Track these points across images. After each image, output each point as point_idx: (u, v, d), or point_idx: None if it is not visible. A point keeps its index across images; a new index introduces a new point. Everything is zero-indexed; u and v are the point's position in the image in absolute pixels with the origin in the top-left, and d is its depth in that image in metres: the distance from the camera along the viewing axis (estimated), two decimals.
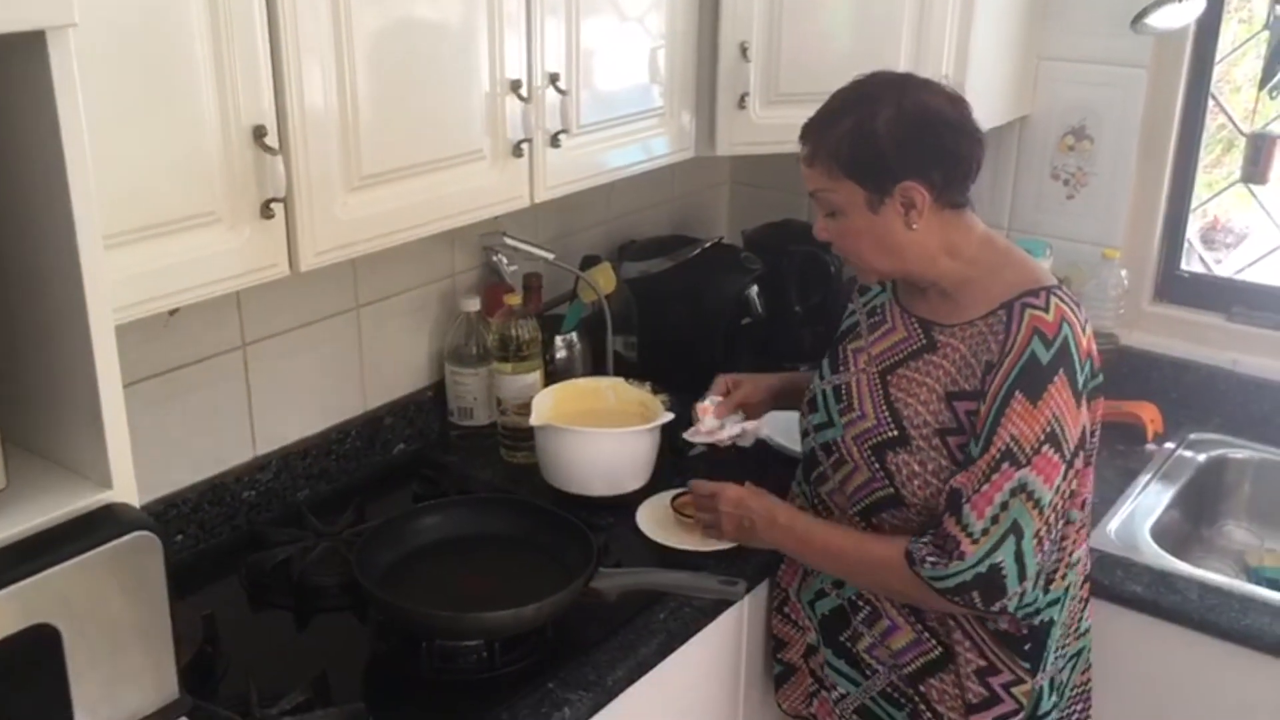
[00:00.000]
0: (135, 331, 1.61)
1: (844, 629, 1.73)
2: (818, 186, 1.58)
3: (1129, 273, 2.37)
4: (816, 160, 1.56)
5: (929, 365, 1.60)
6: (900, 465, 1.58)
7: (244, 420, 1.90)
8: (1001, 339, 1.53)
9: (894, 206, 1.54)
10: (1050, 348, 1.50)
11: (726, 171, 2.80)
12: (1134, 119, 2.32)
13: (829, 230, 1.61)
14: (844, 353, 1.73)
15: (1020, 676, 1.63)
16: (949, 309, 1.61)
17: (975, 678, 1.63)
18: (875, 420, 1.62)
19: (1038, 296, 1.54)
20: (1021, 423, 1.49)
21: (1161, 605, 1.84)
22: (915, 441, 1.58)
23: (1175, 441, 2.26)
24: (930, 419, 1.57)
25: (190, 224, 1.34)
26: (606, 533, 1.86)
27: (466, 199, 1.68)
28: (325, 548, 1.78)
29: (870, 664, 1.71)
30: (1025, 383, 1.50)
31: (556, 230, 2.38)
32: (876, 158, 1.52)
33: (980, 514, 1.49)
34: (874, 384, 1.65)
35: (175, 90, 1.28)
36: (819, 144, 1.56)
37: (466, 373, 2.15)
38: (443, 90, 1.59)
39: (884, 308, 1.71)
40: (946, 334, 1.60)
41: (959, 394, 1.56)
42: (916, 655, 1.66)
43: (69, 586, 0.92)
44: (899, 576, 1.55)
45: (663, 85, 2.00)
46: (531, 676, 1.56)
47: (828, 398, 1.71)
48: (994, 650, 1.62)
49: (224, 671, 1.56)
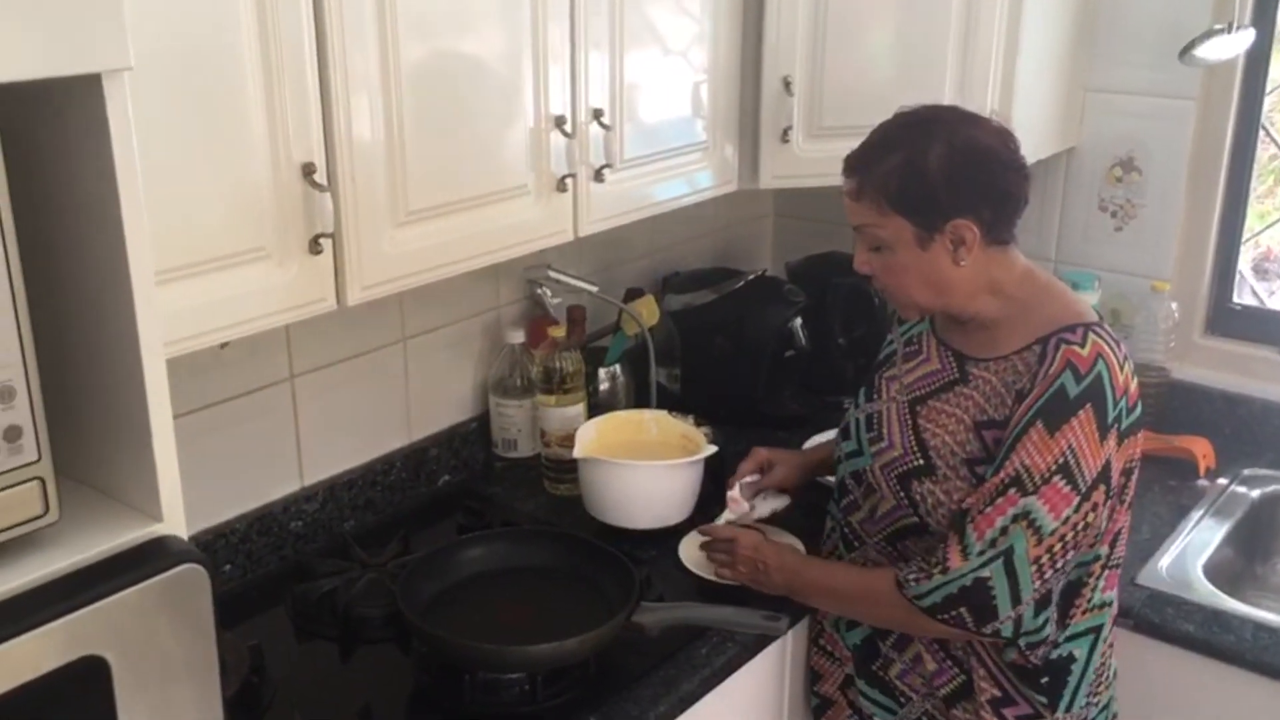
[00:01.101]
0: (186, 364, 1.64)
1: (875, 658, 1.72)
2: (864, 221, 1.56)
3: (1179, 305, 2.34)
4: (864, 195, 1.55)
5: (959, 397, 1.60)
6: (925, 494, 1.58)
7: (291, 452, 1.92)
8: (1035, 370, 1.52)
9: (943, 243, 1.53)
10: (1080, 382, 1.48)
11: (770, 204, 2.81)
12: (1183, 151, 2.30)
13: (872, 264, 1.60)
14: (879, 381, 1.73)
15: (1038, 711, 1.61)
16: (986, 342, 1.60)
17: (989, 708, 1.61)
18: (902, 450, 1.62)
19: (1074, 333, 1.53)
20: (1035, 452, 1.48)
21: (1214, 644, 1.81)
22: (941, 471, 1.57)
23: (1228, 477, 2.23)
24: (958, 449, 1.57)
25: (240, 260, 1.36)
26: (649, 566, 1.85)
27: (511, 234, 1.69)
28: (370, 579, 1.79)
29: (904, 691, 1.70)
30: (1048, 413, 1.49)
31: (600, 263, 2.39)
32: (927, 194, 1.51)
33: (980, 535, 1.49)
34: (903, 413, 1.65)
35: (227, 128, 1.31)
36: (866, 178, 1.54)
37: (510, 404, 2.16)
38: (488, 126, 1.62)
39: (920, 338, 1.71)
40: (980, 367, 1.59)
41: (988, 423, 1.55)
42: (945, 682, 1.65)
43: (119, 618, 0.93)
44: (889, 602, 1.56)
45: (706, 119, 2.01)
46: (573, 710, 1.56)
47: (859, 426, 1.71)
48: (1010, 681, 1.61)
49: (269, 702, 1.57)
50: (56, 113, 0.94)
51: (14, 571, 0.93)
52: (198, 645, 1.00)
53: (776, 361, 2.38)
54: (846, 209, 1.59)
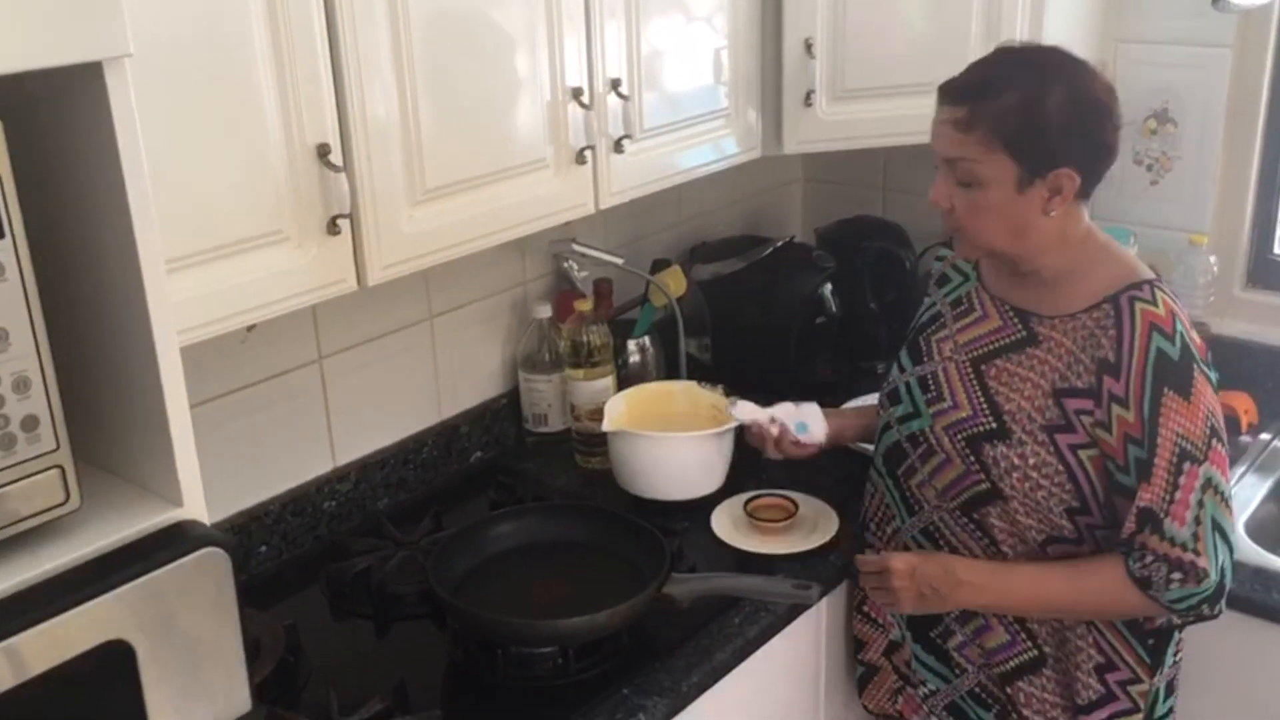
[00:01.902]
0: (214, 348, 1.66)
1: (935, 625, 1.69)
2: (965, 154, 1.49)
3: (1218, 259, 2.29)
4: (974, 127, 1.48)
5: (1031, 359, 1.56)
6: (999, 458, 1.54)
7: (323, 432, 1.93)
8: (1114, 335, 1.48)
9: (1040, 190, 1.49)
10: (1173, 342, 1.46)
11: (798, 169, 2.78)
12: (1219, 100, 2.24)
13: (954, 199, 1.52)
14: (927, 343, 1.68)
15: (1139, 675, 1.60)
16: (1048, 299, 1.57)
17: (1095, 674, 1.59)
18: (971, 410, 1.58)
19: (1141, 289, 1.50)
20: (1185, 420, 1.45)
21: (1257, 603, 1.78)
22: (1016, 435, 1.54)
23: (1271, 432, 2.19)
24: (1035, 414, 1.53)
25: (259, 243, 1.37)
26: (681, 537, 1.85)
27: (531, 208, 1.69)
28: (404, 556, 1.80)
29: (960, 662, 1.68)
30: (1169, 380, 1.45)
31: (627, 234, 2.38)
32: (1041, 139, 1.47)
33: (1183, 521, 1.45)
34: (965, 373, 1.61)
35: (240, 112, 1.31)
36: (980, 111, 1.47)
37: (540, 379, 2.16)
38: (503, 100, 1.61)
39: (970, 296, 1.67)
40: (1047, 326, 1.55)
41: (1069, 391, 1.51)
42: (1010, 656, 1.63)
43: (141, 603, 0.94)
44: (1130, 603, 1.51)
45: (727, 86, 1.99)
46: (606, 682, 1.56)
47: (912, 389, 1.66)
48: (1114, 647, 1.59)
49: (306, 680, 1.59)
50: (59, 103, 0.94)
51: (37, 558, 0.94)
52: (222, 628, 1.01)
53: (807, 328, 2.36)
54: (943, 138, 1.51)
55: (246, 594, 1.73)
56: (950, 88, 1.51)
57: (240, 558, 1.79)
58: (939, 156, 1.53)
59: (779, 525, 1.88)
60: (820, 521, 1.90)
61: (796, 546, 1.84)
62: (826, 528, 1.88)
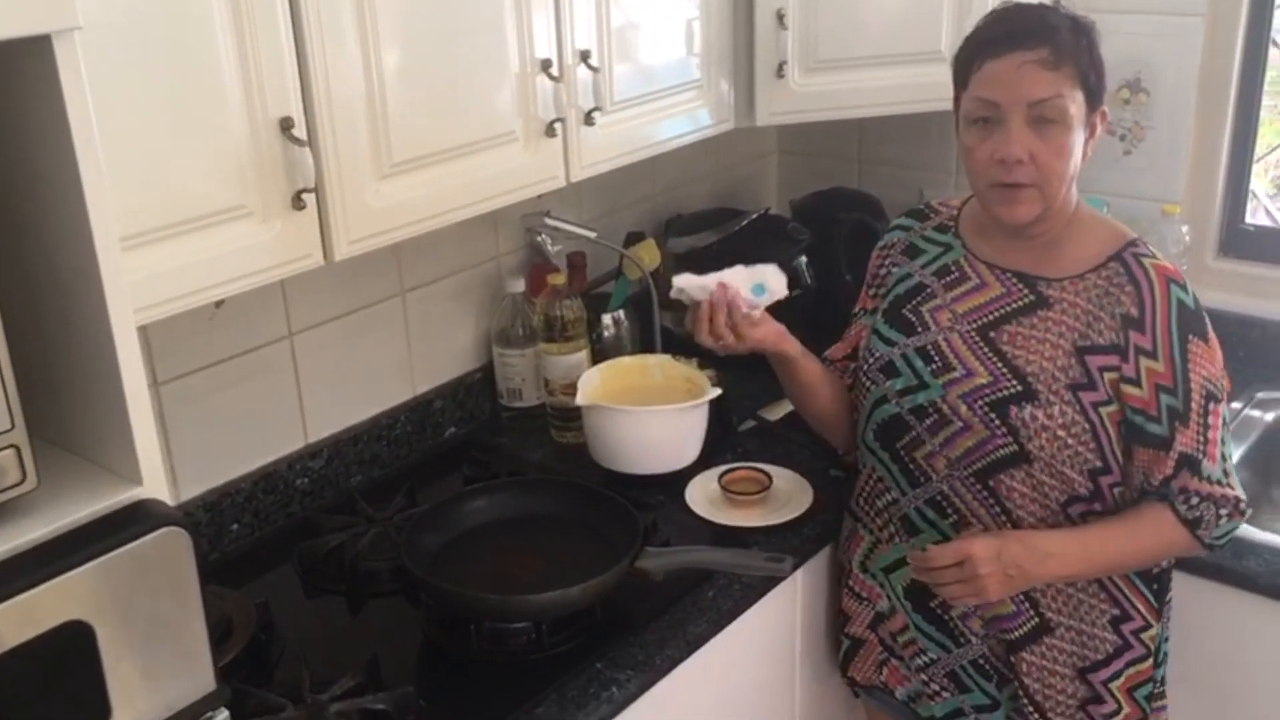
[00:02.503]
0: (183, 324, 1.65)
1: (935, 595, 1.67)
2: (1056, 92, 1.46)
3: (1190, 228, 2.29)
4: (1062, 63, 1.46)
5: (1046, 321, 1.56)
6: (1028, 420, 1.54)
7: (294, 409, 1.92)
8: (1133, 291, 1.53)
9: (1089, 130, 1.53)
10: (1188, 291, 1.54)
11: (773, 141, 2.77)
12: (1191, 70, 2.24)
13: (1033, 146, 1.48)
14: (917, 315, 1.66)
15: (1149, 621, 1.64)
16: (1050, 261, 1.58)
17: (1110, 627, 1.62)
18: (990, 376, 1.57)
19: (1139, 246, 1.57)
20: (1207, 363, 1.53)
21: (1227, 570, 1.79)
22: (1044, 395, 1.54)
23: (1242, 401, 2.20)
24: (1059, 374, 1.54)
25: (222, 218, 1.35)
26: (656, 511, 1.85)
27: (500, 182, 1.67)
28: (376, 533, 1.80)
29: (963, 632, 1.68)
30: (1192, 325, 1.52)
31: (602, 208, 2.36)
32: (1099, 77, 1.51)
33: (1215, 460, 1.53)
34: (972, 341, 1.60)
35: (199, 85, 1.29)
36: (1063, 49, 1.46)
37: (514, 354, 2.15)
38: (470, 73, 1.59)
39: (958, 265, 1.66)
40: (1056, 288, 1.57)
41: (1091, 348, 1.54)
42: (1015, 626, 1.63)
43: (101, 583, 0.94)
44: (1179, 546, 1.57)
45: (699, 57, 1.97)
46: (580, 657, 1.56)
47: (911, 360, 1.64)
48: (1128, 597, 1.63)
49: (278, 658, 1.59)
50: (7, 77, 0.92)
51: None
52: (184, 607, 1.00)
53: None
54: (1028, 81, 1.46)
55: (218, 572, 1.75)
56: (1016, 31, 1.48)
57: (211, 536, 1.80)
58: (1017, 103, 1.47)
59: (753, 498, 1.88)
60: (795, 494, 1.90)
61: (771, 519, 1.84)
62: (801, 500, 1.88)
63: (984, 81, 1.50)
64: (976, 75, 1.51)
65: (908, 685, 1.77)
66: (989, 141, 1.51)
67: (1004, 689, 1.68)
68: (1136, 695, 1.64)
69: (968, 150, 1.55)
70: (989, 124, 1.51)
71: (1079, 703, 1.64)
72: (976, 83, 1.51)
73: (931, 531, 1.66)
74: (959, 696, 1.71)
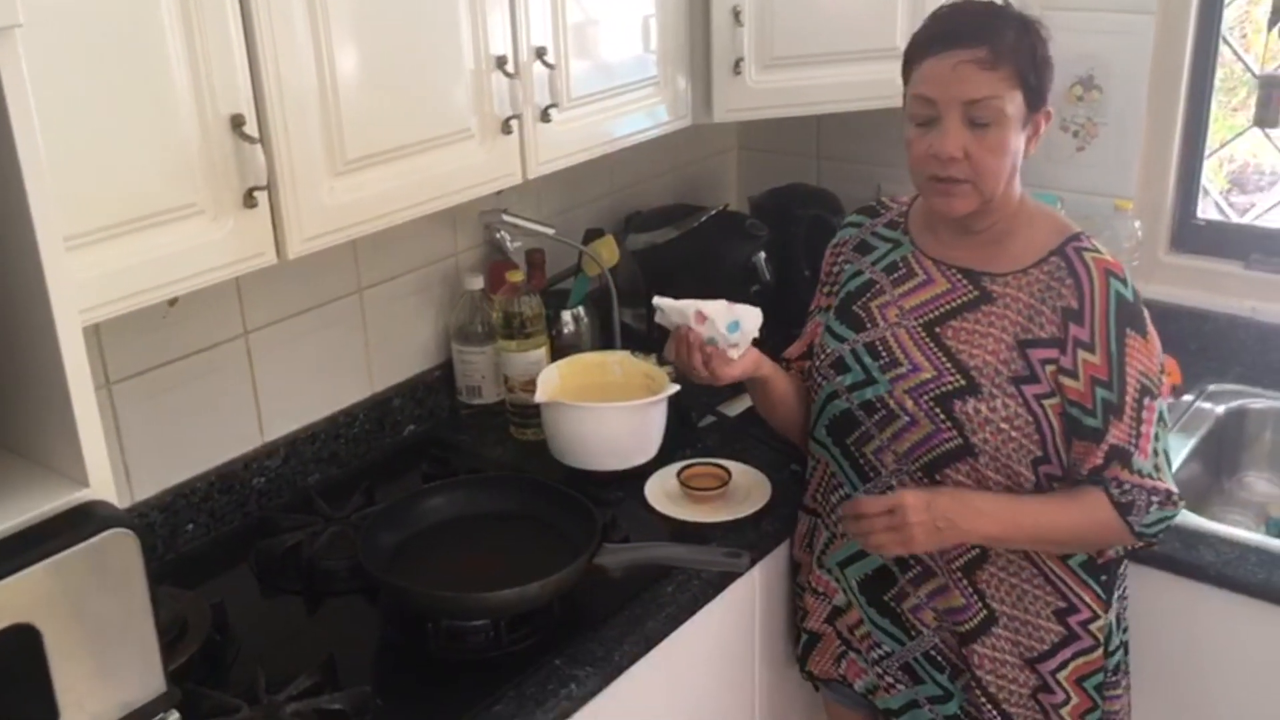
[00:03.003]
0: (137, 323, 1.63)
1: (888, 588, 1.71)
2: (992, 93, 1.48)
3: (1143, 223, 2.32)
4: (1000, 64, 1.48)
5: (989, 315, 1.58)
6: (971, 414, 1.56)
7: (250, 408, 1.90)
8: (1073, 284, 1.54)
9: (1029, 129, 1.55)
10: (1127, 285, 1.55)
11: (732, 138, 2.77)
12: (1143, 67, 2.26)
13: (969, 145, 1.50)
14: (866, 311, 1.68)
15: (1096, 611, 1.65)
16: (995, 257, 1.60)
17: (1055, 618, 1.63)
18: (935, 371, 1.59)
19: (1081, 240, 1.58)
20: (1145, 358, 1.54)
21: (1180, 562, 1.82)
22: (986, 389, 1.56)
23: (1194, 394, 2.23)
24: (1002, 367, 1.56)
25: (172, 216, 1.34)
26: (615, 507, 1.85)
27: (456, 179, 1.67)
28: (334, 532, 1.79)
29: (915, 624, 1.70)
30: (1130, 319, 1.54)
31: (561, 204, 2.36)
32: (1040, 76, 1.53)
33: (1146, 454, 1.55)
34: (918, 337, 1.62)
35: (149, 83, 1.28)
36: (1000, 46, 1.48)
37: (473, 351, 2.15)
38: (425, 70, 1.58)
39: (906, 261, 1.68)
40: (1000, 283, 1.59)
41: (1033, 341, 1.55)
42: (966, 619, 1.65)
43: (47, 586, 0.93)
44: (1110, 530, 1.57)
45: (655, 54, 1.98)
46: (538, 654, 1.56)
47: (860, 356, 1.66)
48: (1073, 589, 1.64)
49: (233, 659, 1.58)
50: None
51: None
52: (133, 609, 0.99)
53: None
54: (965, 80, 1.48)
55: (173, 573, 1.74)
56: (956, 31, 1.50)
57: (166, 536, 1.78)
58: (952, 102, 1.49)
59: (712, 494, 1.89)
60: (754, 489, 1.91)
61: (730, 514, 1.85)
62: (760, 495, 1.89)
63: (923, 79, 1.52)
64: (917, 73, 1.53)
65: (865, 678, 1.79)
66: (926, 138, 1.53)
67: (957, 680, 1.69)
68: (1085, 685, 1.66)
69: (907, 144, 1.58)
70: (928, 122, 1.53)
71: (1030, 691, 1.66)
72: (917, 80, 1.54)
73: None
74: (914, 688, 1.73)
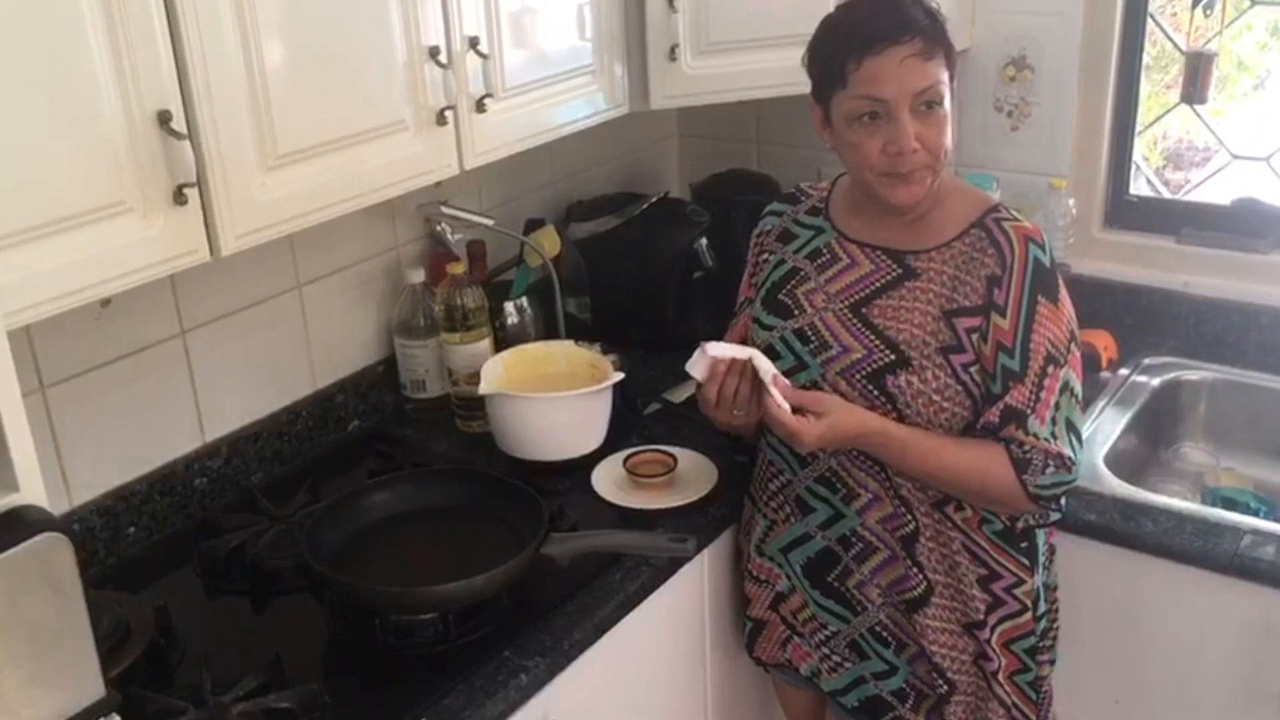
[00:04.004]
0: (69, 325, 1.61)
1: (832, 568, 1.72)
2: (936, 80, 1.52)
3: (1077, 201, 2.36)
4: (934, 53, 1.52)
5: (914, 290, 1.60)
6: (904, 386, 1.58)
7: (189, 408, 1.88)
8: (994, 253, 1.56)
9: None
10: (1045, 252, 1.57)
11: (673, 125, 2.77)
12: (1073, 45, 2.29)
13: (921, 130, 1.52)
14: (793, 298, 1.69)
15: (1021, 577, 1.66)
16: (918, 234, 1.62)
17: (978, 586, 1.65)
18: (865, 350, 1.60)
19: (1000, 211, 1.61)
20: (1053, 325, 1.55)
21: (1118, 532, 1.85)
22: (917, 361, 1.57)
23: (1129, 367, 2.27)
24: (929, 338, 1.57)
25: (100, 215, 1.31)
26: (562, 497, 1.85)
27: (392, 171, 1.65)
28: (278, 531, 1.77)
29: (860, 600, 1.72)
30: (1042, 287, 1.55)
31: (501, 195, 2.35)
32: (953, 52, 1.56)
33: (1043, 420, 1.55)
34: (846, 319, 1.63)
35: (71, 79, 1.25)
36: (930, 35, 1.51)
37: (416, 345, 2.13)
38: (356, 62, 1.57)
39: (830, 247, 1.69)
40: (924, 259, 1.60)
41: (958, 310, 1.57)
42: (906, 589, 1.67)
43: None
44: (1002, 484, 1.56)
45: (591, 42, 1.97)
46: (488, 646, 1.56)
47: (790, 343, 1.67)
48: (994, 558, 1.65)
49: (179, 662, 1.56)
50: None
51: None
52: (68, 614, 0.98)
53: (685, 283, 2.37)
54: (912, 74, 1.50)
55: (115, 577, 1.72)
56: (884, 31, 1.50)
57: (107, 540, 1.76)
58: (904, 96, 1.51)
59: (659, 480, 1.89)
60: (700, 475, 1.92)
61: (676, 500, 1.85)
62: (706, 481, 1.90)
63: (867, 80, 1.52)
64: (856, 75, 1.52)
65: (810, 661, 1.81)
66: (878, 136, 1.54)
67: (902, 654, 1.72)
68: (1014, 648, 1.69)
69: (854, 146, 1.57)
70: (875, 119, 1.53)
71: (972, 658, 1.69)
72: (858, 82, 1.52)
73: (824, 507, 1.70)
74: (860, 665, 1.75)
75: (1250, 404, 2.23)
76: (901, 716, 1.74)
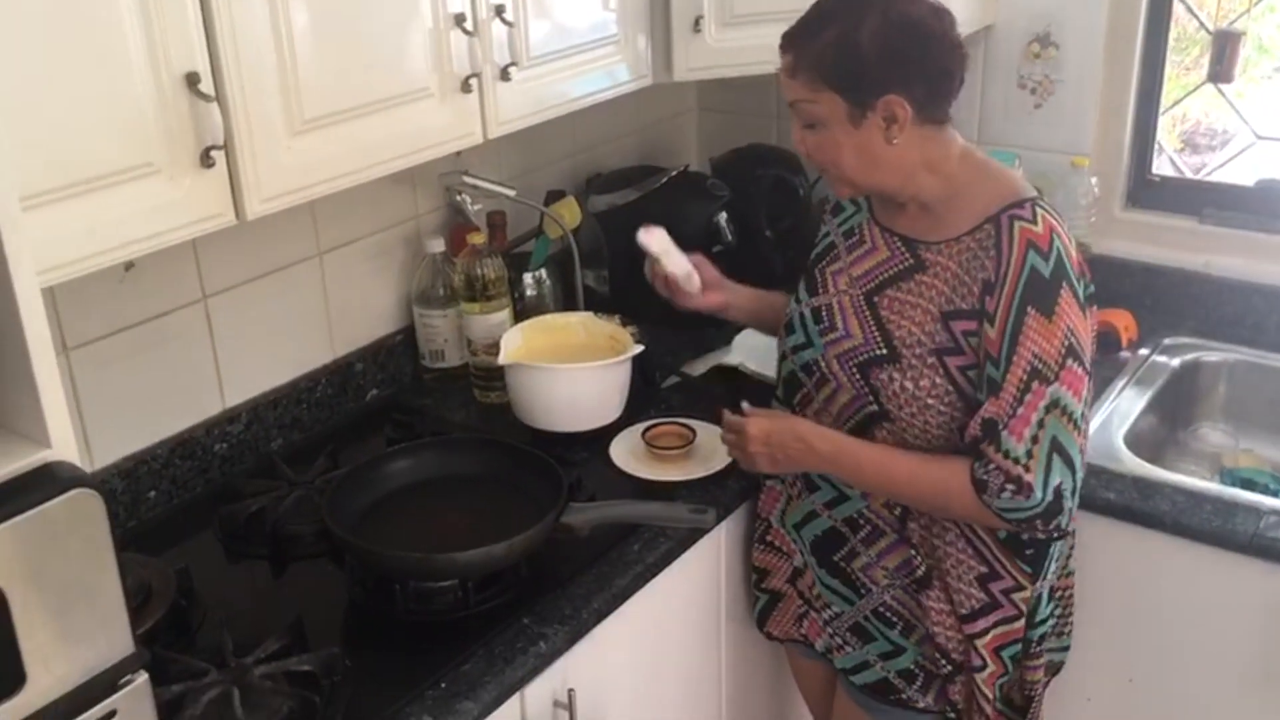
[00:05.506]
0: (93, 288, 1.62)
1: (839, 548, 1.72)
2: (798, 97, 1.54)
3: (1099, 180, 2.35)
4: (798, 71, 1.52)
5: (920, 285, 1.58)
6: (887, 381, 1.57)
7: (211, 373, 1.89)
8: (994, 255, 1.50)
9: (875, 120, 1.50)
10: (1048, 260, 1.48)
11: (693, 98, 2.77)
12: (1099, 23, 2.28)
13: (807, 142, 1.57)
14: (821, 275, 1.70)
15: (1021, 583, 1.64)
16: (931, 225, 1.59)
17: (977, 584, 1.63)
18: (863, 339, 1.60)
19: (1023, 208, 1.51)
20: (1041, 339, 1.47)
21: (1136, 511, 1.85)
22: (906, 359, 1.56)
23: (1149, 347, 2.26)
24: (925, 339, 1.55)
25: (128, 177, 1.32)
26: (580, 468, 1.86)
27: (416, 138, 1.65)
28: (298, 496, 1.78)
29: (865, 582, 1.71)
30: (1035, 298, 1.47)
31: (521, 166, 2.35)
32: (860, 70, 1.48)
33: (1020, 437, 1.47)
34: (859, 305, 1.63)
35: (100, 41, 1.25)
36: (801, 54, 1.52)
37: (435, 315, 2.14)
38: (382, 26, 1.56)
39: (861, 228, 1.68)
40: (934, 251, 1.57)
41: (955, 313, 1.54)
42: (910, 571, 1.67)
43: (11, 547, 0.92)
44: (964, 504, 1.53)
45: (615, 13, 1.96)
46: (506, 613, 1.57)
47: (806, 320, 1.68)
48: (996, 556, 1.63)
49: (200, 624, 1.57)
50: None
51: None
52: (99, 570, 0.98)
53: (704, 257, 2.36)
54: (782, 86, 1.56)
55: (136, 540, 1.73)
56: (782, 36, 1.55)
57: (128, 504, 1.77)
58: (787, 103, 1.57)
59: (677, 452, 1.89)
60: (718, 448, 1.91)
61: (695, 473, 1.86)
62: (724, 454, 1.89)
63: None
64: None
65: (823, 637, 1.81)
66: None
67: (910, 635, 1.71)
68: (1003, 654, 1.67)
69: None
70: None
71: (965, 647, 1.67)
72: None
73: (827, 487, 1.71)
74: (863, 648, 1.75)
75: (1270, 386, 2.22)
76: (909, 698, 1.73)
